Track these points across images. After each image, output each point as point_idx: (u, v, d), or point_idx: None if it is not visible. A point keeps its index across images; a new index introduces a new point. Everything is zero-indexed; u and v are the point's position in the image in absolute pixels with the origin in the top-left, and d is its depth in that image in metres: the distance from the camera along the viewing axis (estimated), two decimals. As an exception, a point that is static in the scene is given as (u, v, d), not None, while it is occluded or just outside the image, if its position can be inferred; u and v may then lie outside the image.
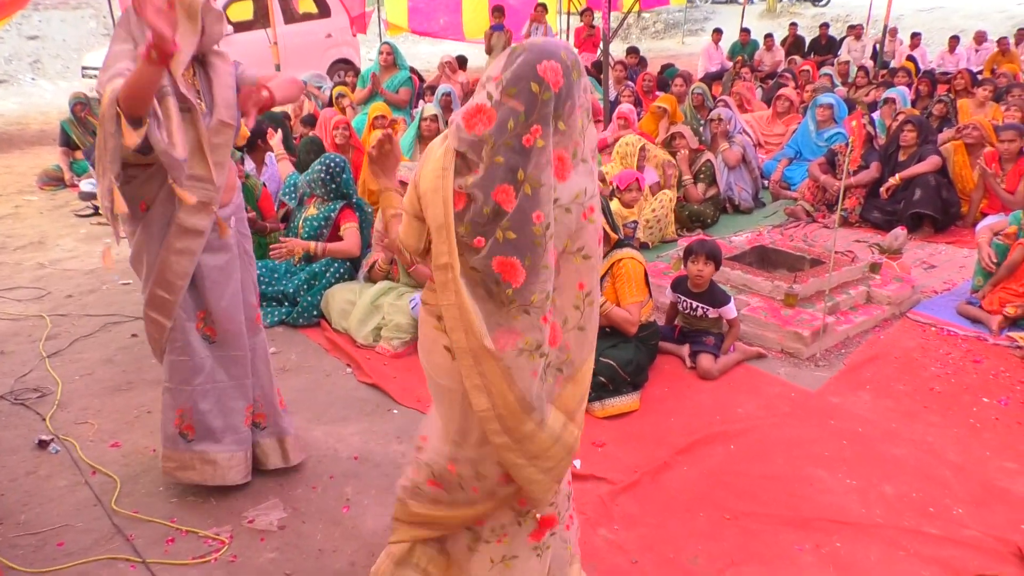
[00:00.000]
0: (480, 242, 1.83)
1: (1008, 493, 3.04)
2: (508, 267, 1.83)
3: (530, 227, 1.81)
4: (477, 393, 1.94)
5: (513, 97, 1.75)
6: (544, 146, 1.78)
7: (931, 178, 6.03)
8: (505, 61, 1.79)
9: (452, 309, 1.90)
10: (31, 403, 3.77)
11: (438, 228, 1.87)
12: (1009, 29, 15.13)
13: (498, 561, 2.21)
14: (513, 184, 1.78)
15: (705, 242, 4.16)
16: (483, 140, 1.77)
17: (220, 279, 2.84)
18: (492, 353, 1.89)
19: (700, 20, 24.31)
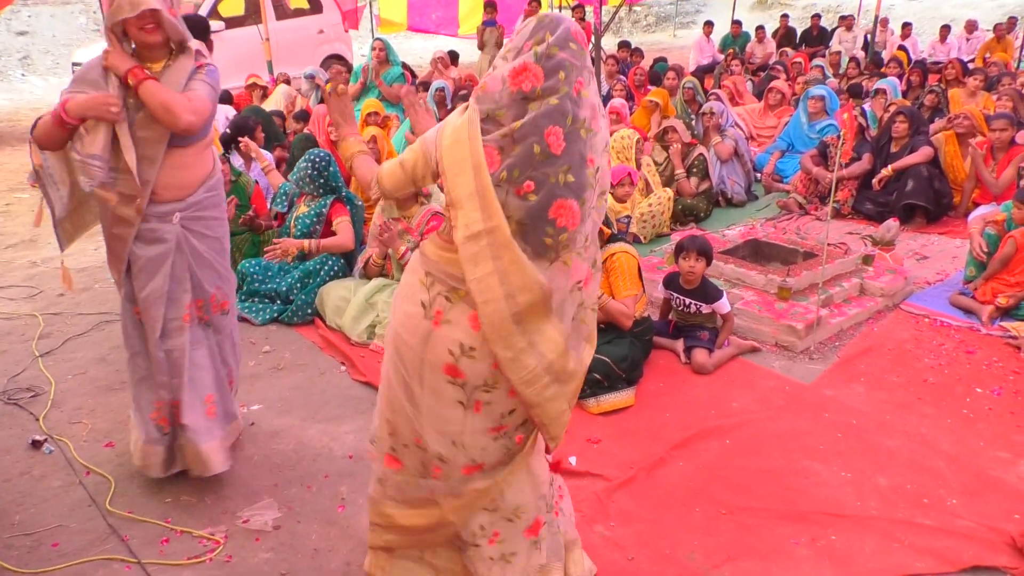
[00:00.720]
0: (530, 186, 1.87)
1: (1001, 483, 3.06)
2: (566, 209, 1.90)
3: (586, 170, 1.91)
4: (523, 357, 1.95)
5: (557, 56, 1.86)
6: (588, 96, 1.91)
7: (923, 169, 6.04)
8: (532, 30, 1.90)
9: (490, 279, 1.89)
10: (24, 403, 3.76)
11: (469, 196, 1.88)
12: (1000, 17, 15.16)
13: (497, 559, 2.21)
14: (562, 126, 1.86)
15: (696, 238, 4.16)
16: (531, 95, 1.85)
17: (148, 270, 2.88)
18: (547, 295, 1.93)
19: (691, 13, 24.30)
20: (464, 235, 1.89)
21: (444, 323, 1.99)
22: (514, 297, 1.90)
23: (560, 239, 1.91)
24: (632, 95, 9.28)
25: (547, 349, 1.97)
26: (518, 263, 1.88)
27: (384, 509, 2.28)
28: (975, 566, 2.62)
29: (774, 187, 7.13)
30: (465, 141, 1.89)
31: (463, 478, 2.14)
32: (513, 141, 1.86)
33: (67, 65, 14.37)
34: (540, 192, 1.87)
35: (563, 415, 2.09)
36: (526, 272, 1.89)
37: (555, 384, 2.01)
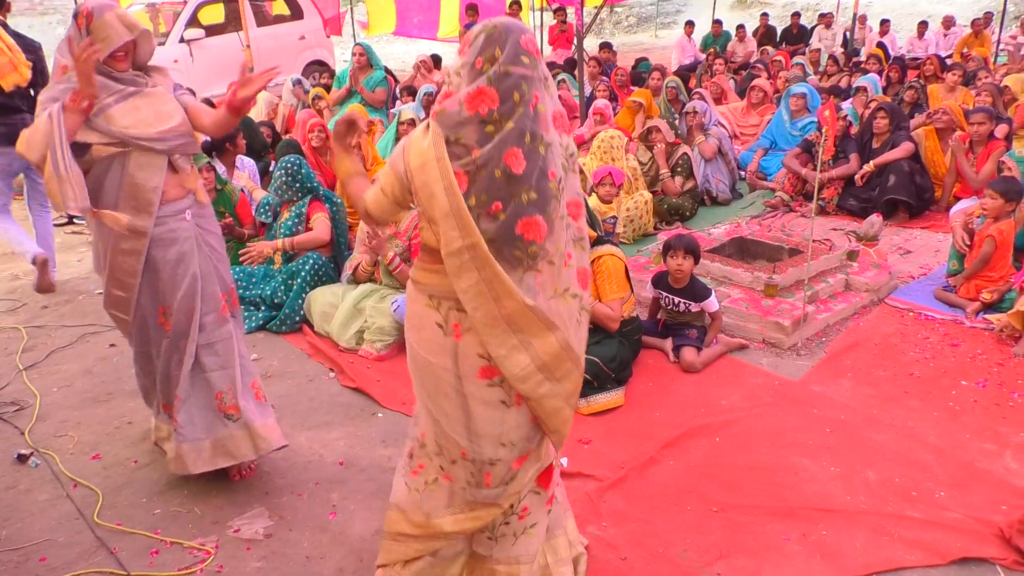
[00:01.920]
0: (498, 207, 1.92)
1: (988, 474, 3.08)
2: (531, 225, 1.96)
3: (547, 184, 1.96)
4: (514, 353, 2.01)
5: (510, 75, 1.89)
6: (545, 110, 1.95)
7: (904, 164, 6.09)
8: (482, 45, 1.91)
9: (477, 286, 1.95)
10: (9, 417, 3.72)
11: (444, 216, 1.93)
12: (976, 13, 15.31)
13: (521, 533, 2.30)
14: (521, 147, 1.91)
15: (683, 236, 4.17)
16: (489, 118, 1.90)
17: (175, 272, 2.90)
18: (533, 308, 1.97)
19: (672, 13, 24.38)
20: (446, 251, 1.96)
21: (465, 332, 2.04)
22: (501, 301, 1.96)
23: (529, 251, 1.97)
24: (615, 95, 9.30)
25: (541, 351, 2.03)
26: (498, 275, 1.94)
27: (434, 520, 2.27)
28: (964, 557, 2.64)
29: (758, 185, 7.16)
30: (433, 163, 1.92)
31: (514, 473, 2.21)
32: (476, 167, 1.91)
33: (46, 75, 14.23)
34: (507, 211, 1.93)
35: (560, 412, 2.14)
36: (507, 284, 1.95)
37: (548, 382, 2.07)
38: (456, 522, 2.25)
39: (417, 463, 2.31)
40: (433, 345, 2.09)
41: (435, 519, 2.27)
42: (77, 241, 6.55)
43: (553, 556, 2.44)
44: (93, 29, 2.70)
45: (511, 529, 2.29)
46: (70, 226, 6.97)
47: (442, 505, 2.27)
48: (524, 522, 2.30)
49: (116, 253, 2.87)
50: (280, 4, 12.61)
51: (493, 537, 2.30)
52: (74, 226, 6.97)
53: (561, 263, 2.05)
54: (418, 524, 2.29)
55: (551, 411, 2.13)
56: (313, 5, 12.53)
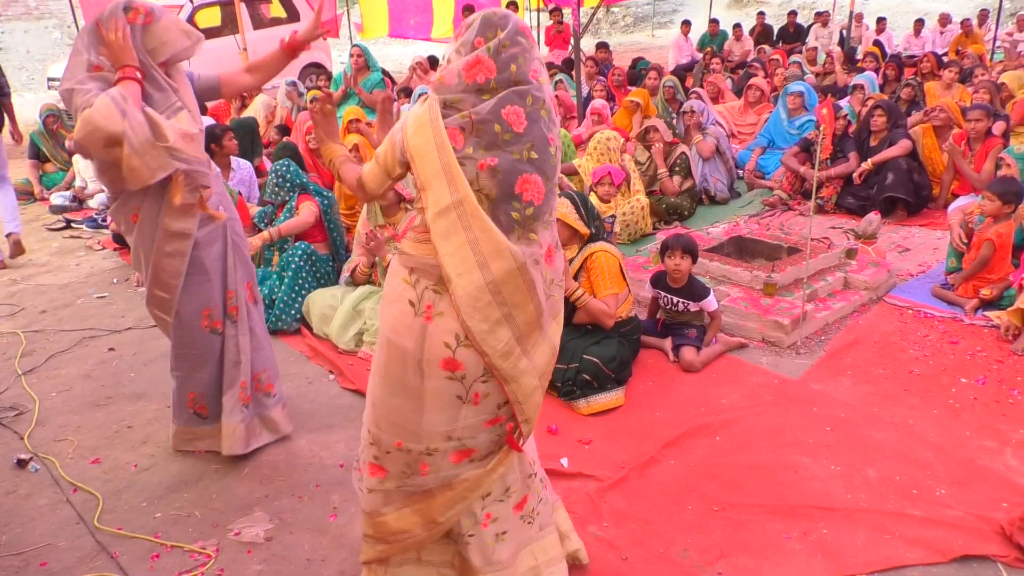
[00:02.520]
0: (494, 160, 1.95)
1: (989, 472, 3.08)
2: (531, 184, 1.98)
3: (548, 148, 2.01)
4: (498, 329, 2.01)
5: (508, 49, 1.96)
6: (545, 82, 2.02)
7: (902, 162, 6.09)
8: (480, 27, 1.98)
9: (463, 249, 1.95)
10: (8, 421, 3.72)
11: (436, 174, 1.95)
12: (971, 11, 15.36)
13: (491, 540, 2.27)
14: (522, 106, 1.96)
15: (680, 236, 4.17)
16: (486, 87, 1.95)
17: (225, 265, 3.09)
18: (522, 266, 1.98)
19: (668, 12, 24.43)
20: (434, 212, 1.96)
21: (436, 316, 2.01)
22: (487, 265, 1.95)
23: (526, 213, 1.99)
24: (612, 95, 9.31)
25: (522, 321, 2.04)
26: (488, 231, 1.95)
27: (377, 517, 2.28)
28: (965, 555, 2.64)
29: (756, 184, 7.17)
30: (427, 124, 1.96)
31: (452, 466, 2.17)
32: (473, 123, 1.94)
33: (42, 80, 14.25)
34: (504, 166, 1.95)
35: (536, 393, 2.13)
36: (496, 238, 1.95)
37: (525, 356, 2.07)
38: (400, 517, 2.23)
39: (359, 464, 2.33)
40: (401, 324, 2.06)
41: (377, 517, 2.26)
42: (75, 245, 6.55)
43: (543, 556, 2.40)
44: (153, 31, 2.78)
45: (480, 540, 2.26)
46: (68, 230, 6.97)
47: (380, 504, 2.25)
48: (490, 530, 2.26)
49: (160, 255, 2.96)
50: (276, 7, 12.61)
51: (464, 546, 2.27)
52: (72, 230, 6.97)
53: (552, 232, 2.10)
54: (372, 523, 2.29)
55: (529, 391, 2.11)
56: (309, 7, 12.51)
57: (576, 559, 2.57)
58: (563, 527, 2.56)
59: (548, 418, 3.54)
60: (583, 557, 2.58)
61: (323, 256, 4.90)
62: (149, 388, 4.02)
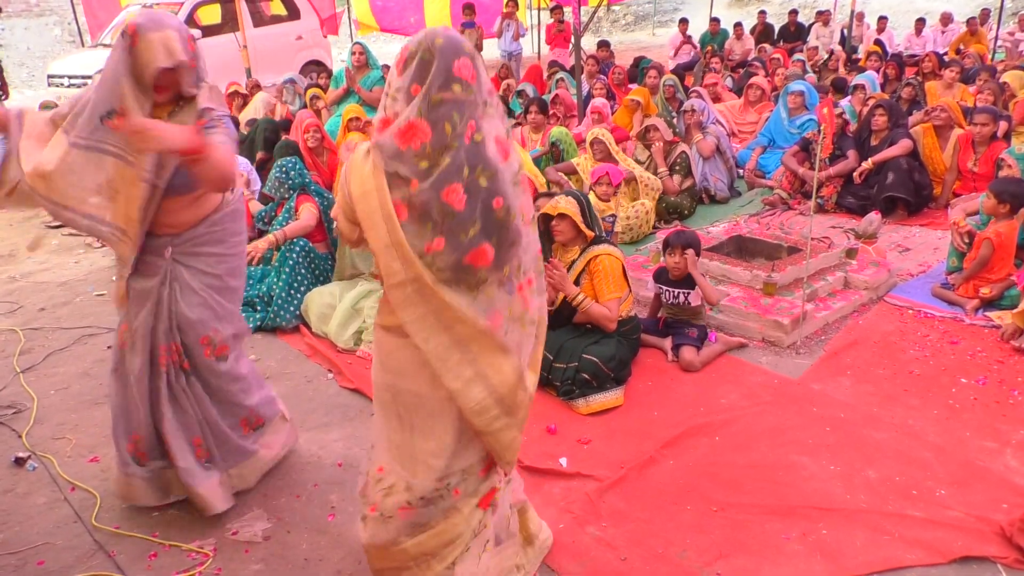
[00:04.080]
0: (440, 243, 1.87)
1: (988, 472, 3.07)
2: (480, 255, 1.92)
3: (493, 214, 1.91)
4: (470, 387, 1.99)
5: (443, 103, 1.81)
6: (483, 138, 1.86)
7: (903, 161, 6.08)
8: (416, 70, 1.84)
9: (425, 318, 1.93)
10: (6, 420, 3.71)
11: (385, 248, 1.89)
12: (973, 10, 15.34)
13: (482, 551, 2.28)
14: (461, 182, 1.84)
15: (681, 233, 4.16)
16: (421, 153, 1.82)
17: (136, 302, 2.77)
18: (486, 331, 1.95)
19: (669, 11, 24.39)
20: (388, 283, 1.94)
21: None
22: (452, 328, 1.95)
23: (480, 277, 1.94)
24: (612, 94, 9.29)
25: (498, 382, 2.02)
26: (448, 305, 1.92)
27: (394, 547, 2.24)
28: (965, 556, 2.63)
29: (757, 183, 7.15)
30: (373, 192, 1.88)
31: (480, 480, 2.22)
32: (417, 202, 1.86)
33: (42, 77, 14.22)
34: (449, 246, 1.88)
35: (514, 442, 2.14)
36: (457, 311, 1.93)
37: (505, 416, 2.06)
38: (417, 544, 2.21)
39: (372, 500, 2.25)
40: (426, 382, 2.06)
41: (393, 547, 2.23)
42: (74, 243, 6.54)
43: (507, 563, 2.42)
44: (137, 50, 2.48)
45: (473, 551, 2.27)
46: (65, 228, 6.95)
47: (399, 533, 2.22)
48: (481, 538, 2.27)
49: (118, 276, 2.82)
50: (277, 4, 12.60)
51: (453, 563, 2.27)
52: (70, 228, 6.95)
53: (515, 286, 2.02)
54: (384, 555, 2.26)
55: (507, 443, 2.12)
56: (310, 5, 12.52)
57: (544, 548, 2.63)
58: (532, 527, 2.56)
59: (547, 418, 3.54)
60: (550, 543, 2.66)
61: (322, 255, 4.90)
62: (148, 386, 4.01)
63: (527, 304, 2.07)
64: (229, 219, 2.85)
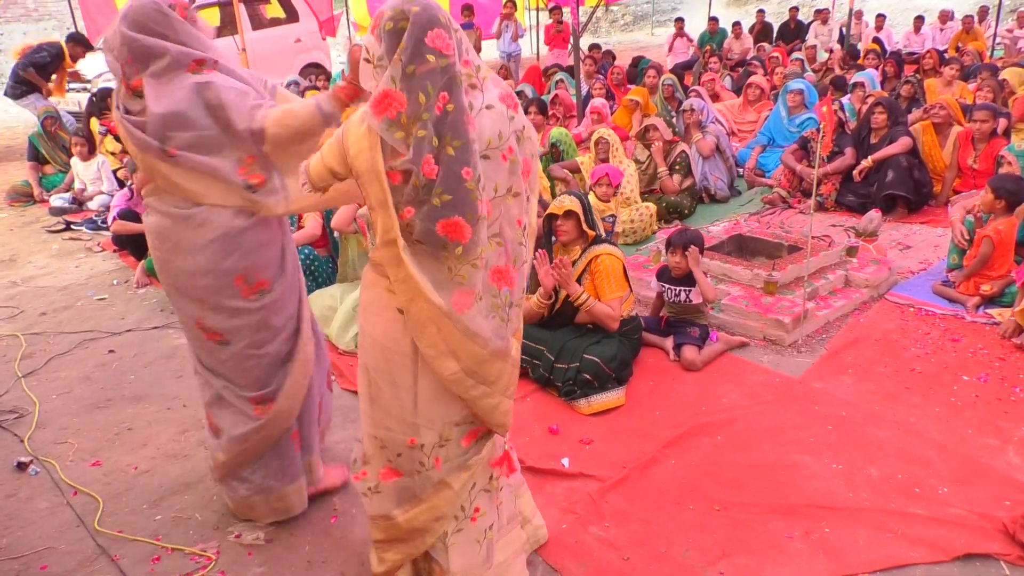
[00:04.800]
0: (409, 212, 1.91)
1: (991, 470, 3.07)
2: (453, 227, 1.92)
3: (462, 184, 1.90)
4: (444, 359, 2.03)
5: (415, 75, 1.84)
6: (455, 107, 1.88)
7: (903, 159, 6.08)
8: (388, 41, 1.87)
9: (410, 279, 1.96)
10: (8, 424, 3.71)
11: (381, 204, 1.94)
12: (972, 7, 15.32)
13: (483, 538, 2.30)
14: (432, 152, 1.86)
15: (684, 232, 4.17)
16: (396, 122, 1.86)
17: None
18: (451, 315, 1.98)
19: (668, 11, 24.40)
20: (381, 240, 1.97)
21: None
22: (431, 300, 1.97)
23: (456, 253, 1.95)
24: (612, 94, 9.30)
25: (469, 361, 2.05)
26: (411, 277, 1.96)
27: (386, 520, 2.28)
28: (968, 554, 2.63)
29: (757, 182, 7.15)
30: (367, 151, 1.91)
31: (464, 451, 2.21)
32: (400, 171, 1.90)
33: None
34: (418, 214, 1.92)
35: (497, 408, 2.16)
36: (419, 284, 1.97)
37: (481, 385, 2.10)
38: (410, 519, 2.24)
39: (361, 468, 2.32)
40: (392, 330, 2.08)
41: (386, 521, 2.28)
42: (75, 247, 6.54)
43: (510, 549, 2.44)
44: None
45: (467, 536, 2.27)
46: (67, 232, 6.96)
47: (391, 506, 2.26)
48: (478, 524, 2.28)
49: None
50: (275, 7, 12.59)
51: (447, 548, 2.27)
52: (71, 232, 6.96)
53: (486, 270, 2.03)
54: (379, 527, 2.31)
55: (488, 409, 2.15)
56: (308, 7, 12.52)
57: (536, 540, 2.66)
58: (526, 511, 2.61)
59: (549, 418, 3.54)
60: (543, 536, 2.68)
61: (323, 258, 4.90)
62: (149, 390, 4.02)
63: (509, 279, 2.09)
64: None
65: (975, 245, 4.53)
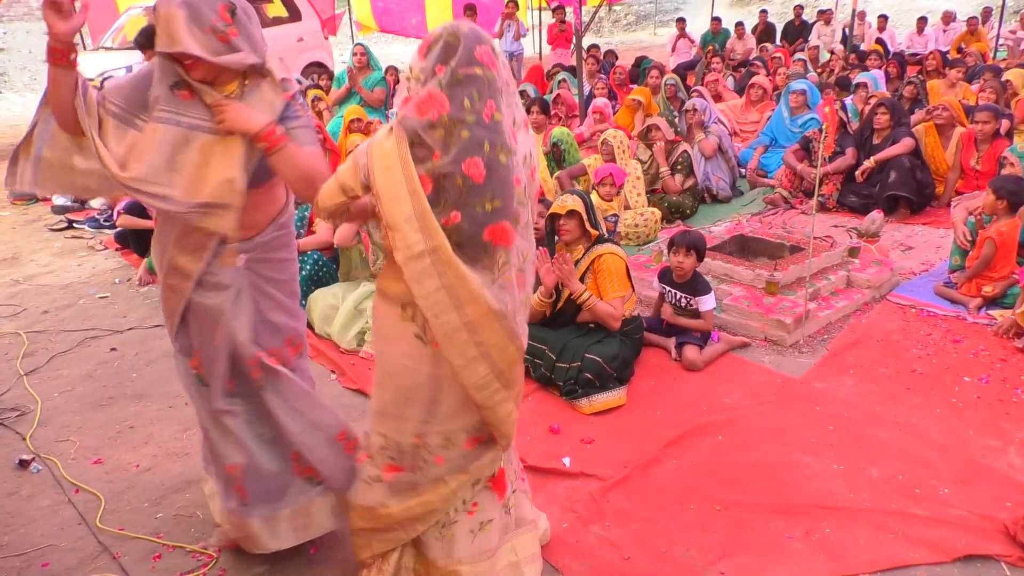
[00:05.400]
0: (457, 217, 1.93)
1: (992, 471, 3.07)
2: (499, 232, 1.99)
3: (512, 191, 1.99)
4: (474, 365, 2.04)
5: (463, 81, 1.91)
6: (501, 119, 1.97)
7: (905, 160, 6.08)
8: (438, 54, 1.93)
9: (438, 293, 1.96)
10: (10, 422, 3.72)
11: (407, 219, 1.93)
12: (975, 8, 15.31)
13: (477, 530, 2.31)
14: (481, 156, 1.92)
15: (688, 233, 4.16)
16: (439, 123, 1.90)
17: (206, 321, 2.42)
18: (499, 315, 2.00)
19: (671, 11, 24.40)
20: (406, 256, 1.95)
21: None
22: (463, 308, 1.97)
23: (497, 257, 2.00)
24: (614, 94, 9.30)
25: (500, 360, 2.06)
26: (463, 279, 1.95)
27: (381, 510, 2.30)
28: (969, 555, 2.63)
29: (759, 182, 7.15)
30: (398, 167, 1.91)
31: (466, 454, 2.22)
32: (440, 174, 1.92)
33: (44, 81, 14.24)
34: (467, 222, 1.94)
35: (511, 415, 2.19)
36: (471, 287, 1.96)
37: (504, 389, 2.12)
38: (405, 509, 2.26)
39: (363, 453, 2.37)
40: (412, 355, 2.10)
41: (380, 509, 2.28)
42: (77, 245, 6.55)
43: (524, 552, 2.45)
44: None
45: (462, 527, 2.29)
46: (70, 231, 6.97)
47: (386, 496, 2.28)
48: (475, 518, 2.30)
49: (163, 285, 2.46)
50: (277, 6, 12.59)
51: (442, 537, 2.30)
52: (73, 231, 6.97)
53: (531, 272, 2.13)
54: (370, 516, 2.32)
55: (504, 416, 2.16)
56: (310, 6, 12.52)
57: (541, 539, 2.64)
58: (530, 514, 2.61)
59: (550, 417, 3.54)
60: (545, 537, 2.68)
61: (328, 261, 4.89)
62: (151, 388, 4.02)
63: (527, 287, 2.16)
64: (290, 220, 2.60)
65: (977, 246, 4.53)
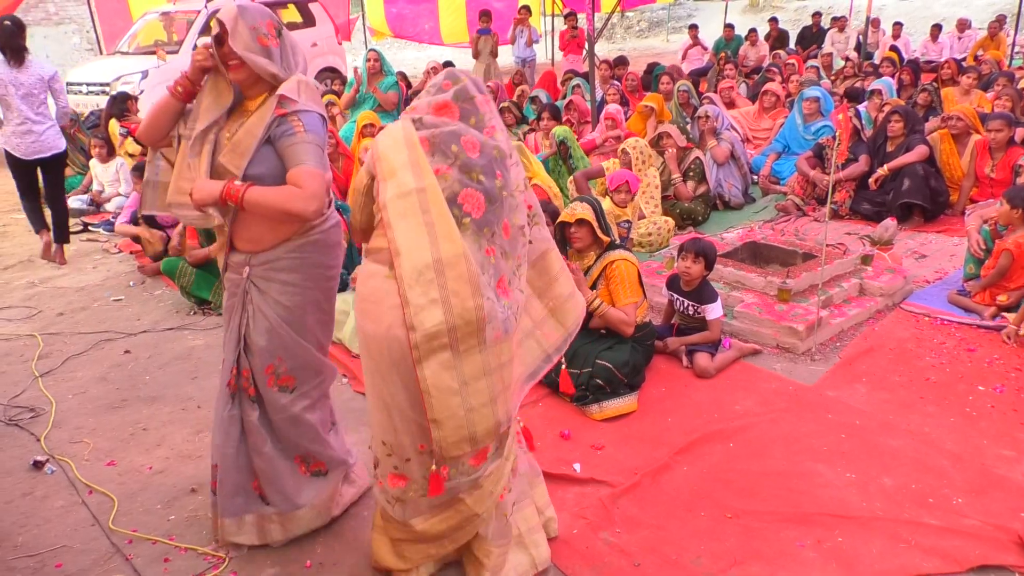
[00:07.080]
0: (448, 169, 2.17)
1: (1006, 481, 3.05)
2: (472, 199, 2.17)
3: (494, 180, 2.23)
4: (432, 308, 2.06)
5: (469, 101, 2.28)
6: (500, 141, 2.27)
7: (919, 168, 6.05)
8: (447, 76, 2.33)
9: (417, 228, 2.12)
10: (25, 423, 3.75)
11: (403, 165, 2.14)
12: (990, 16, 15.22)
13: (510, 512, 2.45)
14: (478, 139, 2.22)
15: (697, 240, 4.15)
16: (446, 123, 2.22)
17: (229, 315, 2.68)
18: (466, 256, 2.09)
19: (684, 18, 24.38)
20: (395, 193, 2.11)
21: None
22: (437, 245, 2.07)
23: (464, 222, 2.14)
24: (626, 100, 9.29)
25: (459, 308, 2.07)
26: (445, 215, 2.10)
27: (408, 528, 2.38)
28: (982, 565, 2.61)
29: (771, 189, 7.13)
30: (398, 129, 2.21)
31: (473, 469, 2.25)
32: (435, 139, 2.18)
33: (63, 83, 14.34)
34: (454, 176, 2.16)
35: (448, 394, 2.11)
36: (451, 223, 2.10)
37: (449, 350, 2.09)
38: (430, 526, 2.35)
39: (378, 478, 2.42)
40: (395, 319, 2.11)
41: (409, 528, 2.38)
42: (91, 248, 6.60)
43: (525, 525, 2.55)
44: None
45: (500, 511, 2.41)
46: (85, 233, 7.02)
47: (410, 514, 2.35)
48: (506, 500, 2.40)
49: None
50: (292, 11, 12.66)
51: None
52: (89, 233, 7.02)
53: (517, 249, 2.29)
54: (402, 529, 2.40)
55: (441, 387, 2.09)
56: (324, 12, 12.58)
57: (547, 527, 2.70)
58: (539, 501, 2.67)
59: (561, 423, 3.54)
60: (552, 530, 2.71)
61: None
62: (164, 391, 4.05)
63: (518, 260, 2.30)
64: (313, 248, 2.60)
65: (993, 256, 4.49)
